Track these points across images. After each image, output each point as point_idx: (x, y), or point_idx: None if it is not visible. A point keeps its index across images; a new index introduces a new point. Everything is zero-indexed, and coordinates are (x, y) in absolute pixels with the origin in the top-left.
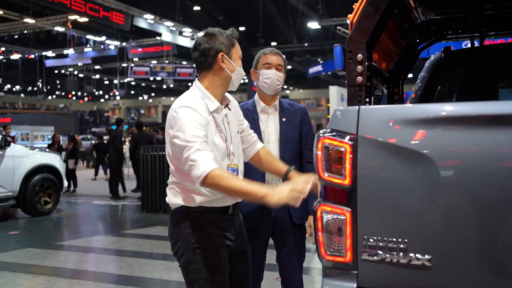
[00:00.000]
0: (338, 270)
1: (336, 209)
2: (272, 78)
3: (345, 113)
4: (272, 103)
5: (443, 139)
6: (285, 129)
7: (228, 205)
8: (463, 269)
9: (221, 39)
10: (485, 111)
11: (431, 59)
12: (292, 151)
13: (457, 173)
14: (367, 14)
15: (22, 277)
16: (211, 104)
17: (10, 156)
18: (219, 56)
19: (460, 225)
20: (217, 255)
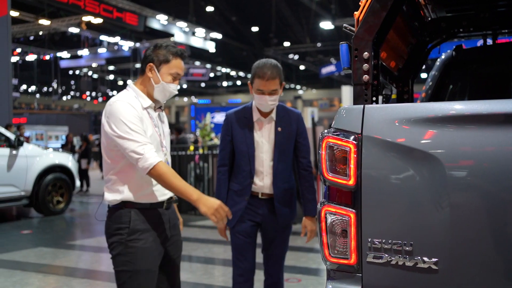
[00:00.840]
0: (343, 272)
1: (340, 210)
2: (264, 104)
3: (350, 112)
4: (269, 115)
5: (450, 139)
6: (280, 140)
7: (162, 200)
8: (471, 272)
9: (160, 52)
10: (494, 109)
11: (442, 57)
12: (284, 162)
13: (465, 174)
14: (373, 11)
15: (33, 276)
16: (144, 101)
17: (23, 156)
18: (148, 65)
19: (468, 228)
20: (147, 249)
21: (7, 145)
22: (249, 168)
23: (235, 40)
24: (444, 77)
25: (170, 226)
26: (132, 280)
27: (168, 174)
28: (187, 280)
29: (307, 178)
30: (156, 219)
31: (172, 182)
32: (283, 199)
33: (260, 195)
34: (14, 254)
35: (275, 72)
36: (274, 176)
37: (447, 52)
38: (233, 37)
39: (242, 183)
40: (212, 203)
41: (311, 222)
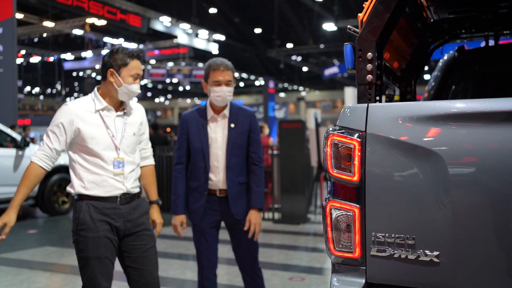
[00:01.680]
0: (347, 266)
1: (345, 205)
2: (222, 96)
3: (354, 110)
4: (221, 112)
5: (452, 136)
6: (232, 135)
7: (116, 195)
8: (472, 265)
9: (118, 56)
10: (495, 107)
11: (445, 58)
12: (237, 156)
13: (466, 171)
14: (377, 12)
15: (40, 275)
16: (98, 104)
17: (29, 157)
18: (109, 71)
19: (469, 222)
20: (96, 238)
21: (13, 146)
22: (204, 165)
23: (238, 41)
24: (447, 78)
25: (126, 220)
26: (85, 265)
27: (24, 174)
28: (192, 278)
29: (256, 172)
30: (109, 212)
31: (21, 180)
32: (238, 194)
33: (218, 192)
34: (21, 253)
35: (229, 65)
36: (227, 170)
37: (450, 53)
38: (236, 39)
39: (199, 179)
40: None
41: (256, 215)
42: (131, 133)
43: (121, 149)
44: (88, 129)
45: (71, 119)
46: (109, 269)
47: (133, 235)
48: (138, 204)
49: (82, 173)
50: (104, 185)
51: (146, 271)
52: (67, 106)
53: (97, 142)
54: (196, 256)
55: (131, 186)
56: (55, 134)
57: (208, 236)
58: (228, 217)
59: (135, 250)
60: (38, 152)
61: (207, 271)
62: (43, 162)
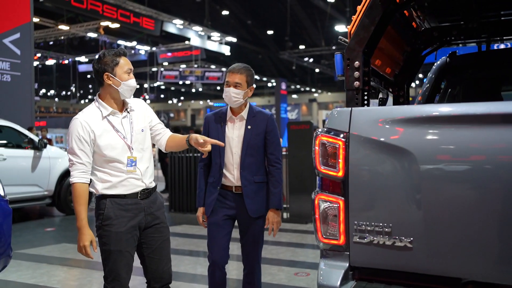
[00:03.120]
0: (333, 251)
1: (331, 198)
2: (228, 96)
3: (340, 113)
4: (239, 114)
5: (423, 136)
6: (248, 136)
7: (136, 192)
8: (440, 250)
9: (106, 59)
10: (458, 112)
11: (438, 63)
12: (252, 156)
13: (434, 165)
14: (363, 25)
15: (59, 269)
16: (104, 110)
17: (46, 157)
18: (105, 75)
19: (438, 212)
20: (120, 233)
21: (31, 147)
22: (219, 161)
23: (251, 43)
24: (439, 82)
25: (146, 214)
26: (108, 258)
27: (75, 195)
28: (202, 273)
29: (273, 173)
30: (130, 207)
31: (74, 201)
32: (252, 192)
33: (234, 189)
34: (40, 249)
35: (243, 69)
36: (242, 168)
37: (442, 58)
38: (248, 41)
39: (215, 175)
40: (82, 239)
41: (274, 214)
42: (139, 130)
43: (134, 148)
44: (102, 137)
45: (87, 131)
46: (129, 262)
47: (152, 227)
48: (155, 198)
49: (103, 176)
50: (125, 184)
51: (163, 261)
52: (78, 120)
53: (112, 147)
54: (208, 248)
55: (149, 181)
56: (80, 149)
57: (221, 229)
58: (242, 213)
59: (154, 242)
60: (74, 173)
61: (217, 263)
62: (83, 178)
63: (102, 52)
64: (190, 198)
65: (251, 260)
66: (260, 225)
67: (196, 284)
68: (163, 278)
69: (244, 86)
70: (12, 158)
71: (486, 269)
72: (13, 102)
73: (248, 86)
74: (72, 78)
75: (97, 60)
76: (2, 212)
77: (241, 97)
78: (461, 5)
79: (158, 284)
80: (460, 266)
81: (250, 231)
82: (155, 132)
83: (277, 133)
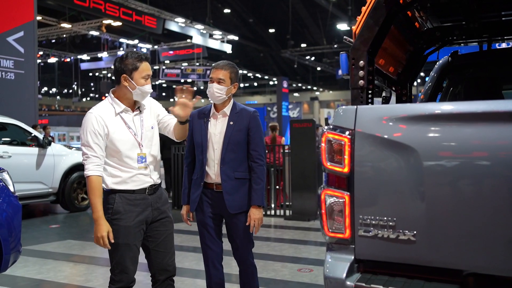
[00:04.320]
0: (339, 245)
1: (337, 193)
2: (211, 91)
3: (345, 111)
4: (221, 110)
5: (426, 133)
6: (230, 132)
7: (145, 187)
8: (443, 243)
9: (128, 62)
10: (459, 110)
11: (440, 62)
12: (233, 151)
13: (437, 161)
14: (367, 26)
15: (65, 265)
16: (117, 107)
17: (51, 155)
18: (122, 77)
19: (440, 206)
20: (128, 227)
21: (35, 144)
22: (202, 157)
23: (252, 42)
24: (441, 80)
25: (153, 209)
26: (115, 250)
27: (91, 187)
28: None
29: (255, 169)
30: (139, 202)
31: (89, 194)
32: (232, 188)
33: (215, 187)
34: (46, 245)
35: (227, 66)
36: (222, 163)
37: (444, 58)
38: (250, 39)
39: (198, 172)
40: (99, 230)
41: (255, 211)
42: (149, 127)
43: (144, 145)
44: (115, 132)
45: (101, 125)
46: (136, 255)
47: (158, 222)
48: (161, 193)
49: (113, 172)
50: (134, 180)
51: (167, 254)
52: (93, 114)
53: (123, 143)
54: (201, 246)
55: (156, 177)
56: (95, 142)
57: (209, 228)
58: (224, 210)
59: (159, 235)
60: (89, 166)
61: (212, 261)
62: (98, 171)
63: (126, 53)
64: None
65: (241, 257)
66: (243, 222)
67: (199, 279)
68: (168, 271)
69: (228, 82)
70: (17, 156)
71: (487, 261)
72: (17, 100)
73: (232, 83)
74: (74, 76)
75: (119, 60)
76: (12, 208)
77: (223, 93)
78: (462, 5)
79: (163, 276)
80: (462, 259)
81: (233, 228)
82: (164, 124)
83: (260, 130)
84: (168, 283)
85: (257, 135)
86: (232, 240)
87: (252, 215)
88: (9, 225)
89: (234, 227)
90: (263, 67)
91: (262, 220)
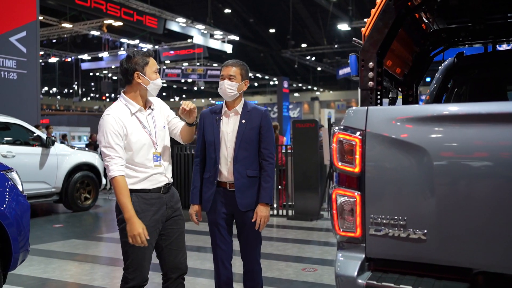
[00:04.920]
0: (350, 243)
1: (348, 192)
2: (223, 88)
3: (356, 112)
4: (233, 108)
5: (436, 134)
6: (242, 130)
7: (160, 186)
8: (453, 241)
9: (137, 59)
10: (468, 111)
11: (445, 63)
12: (246, 149)
13: (446, 161)
14: (377, 28)
15: (70, 264)
16: (132, 107)
17: (54, 155)
18: (135, 74)
19: (450, 205)
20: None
21: (39, 144)
22: (215, 156)
23: (253, 42)
24: (446, 81)
25: (167, 207)
26: (131, 249)
27: (118, 188)
28: (210, 268)
29: (265, 167)
30: (154, 202)
31: (117, 195)
32: (246, 186)
33: (228, 186)
34: (50, 245)
35: (237, 63)
36: (235, 161)
37: (449, 59)
38: (250, 39)
39: (211, 170)
40: (135, 228)
41: (262, 208)
42: (161, 127)
43: (158, 144)
44: (132, 133)
45: (120, 126)
46: (151, 253)
47: (171, 220)
48: (174, 192)
49: (129, 172)
50: (151, 179)
51: (180, 252)
52: (110, 115)
53: (141, 143)
54: (212, 246)
55: (170, 176)
56: (116, 143)
57: (220, 227)
58: (235, 208)
59: (172, 233)
60: (113, 167)
61: (221, 261)
62: (123, 171)
63: (131, 52)
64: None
65: (248, 256)
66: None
67: (204, 279)
68: (180, 269)
69: (239, 78)
70: (20, 155)
71: (496, 259)
72: (19, 100)
73: (243, 80)
74: (75, 76)
75: (127, 60)
76: (21, 207)
77: (235, 89)
78: (469, 8)
79: (175, 274)
80: (471, 257)
81: (243, 225)
82: (172, 126)
83: (271, 129)
84: (180, 281)
85: (269, 134)
86: (241, 237)
87: (259, 212)
88: (18, 224)
89: (244, 224)
90: (264, 67)
91: (268, 218)
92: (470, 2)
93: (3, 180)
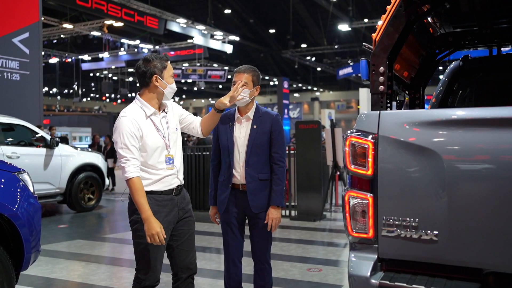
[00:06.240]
0: (362, 244)
1: (360, 194)
2: None
3: (369, 116)
4: (245, 114)
5: (447, 137)
6: (254, 135)
7: (172, 188)
8: (464, 242)
9: (155, 63)
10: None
11: (451, 66)
12: (257, 154)
13: (457, 164)
14: (388, 33)
15: (77, 264)
16: (148, 110)
17: (58, 156)
18: (154, 77)
19: (462, 207)
20: None
21: (43, 145)
22: (229, 160)
23: (253, 42)
24: (452, 84)
25: (179, 209)
26: (144, 249)
27: (134, 189)
28: (216, 268)
29: (276, 171)
30: (166, 203)
31: (134, 196)
32: (258, 189)
33: (241, 187)
34: (56, 245)
35: (249, 70)
36: (247, 166)
37: (455, 62)
38: (251, 39)
39: (225, 173)
40: (153, 227)
41: (274, 210)
42: (173, 129)
43: (171, 146)
44: (147, 135)
45: (136, 128)
46: (163, 253)
47: (183, 221)
48: (184, 193)
49: (143, 174)
50: (163, 181)
51: (190, 252)
52: (127, 117)
53: (155, 146)
54: (223, 244)
55: (182, 177)
56: (132, 145)
57: (233, 226)
58: (248, 209)
59: (183, 234)
60: (129, 168)
61: (232, 259)
62: (138, 173)
63: (150, 56)
64: (200, 196)
65: (259, 256)
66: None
67: (209, 279)
68: (190, 269)
69: (250, 85)
70: (25, 156)
71: (506, 260)
72: (22, 100)
73: (254, 86)
74: (75, 77)
75: (145, 63)
76: (33, 208)
77: (247, 95)
78: (476, 12)
79: (186, 274)
80: (482, 258)
81: (256, 227)
82: (187, 122)
83: (282, 133)
84: (189, 281)
85: (280, 138)
86: (253, 238)
87: (270, 215)
88: (30, 224)
89: (256, 225)
90: (264, 67)
91: (280, 219)
92: (478, 8)
93: (15, 181)
